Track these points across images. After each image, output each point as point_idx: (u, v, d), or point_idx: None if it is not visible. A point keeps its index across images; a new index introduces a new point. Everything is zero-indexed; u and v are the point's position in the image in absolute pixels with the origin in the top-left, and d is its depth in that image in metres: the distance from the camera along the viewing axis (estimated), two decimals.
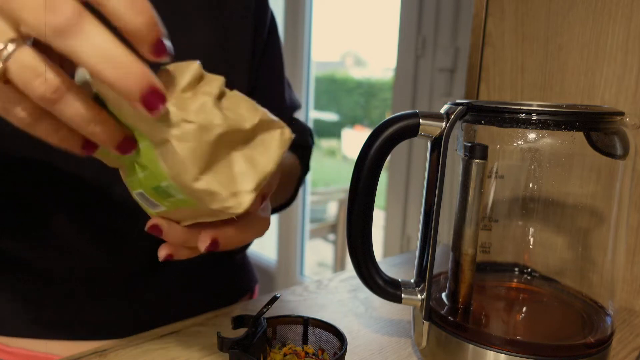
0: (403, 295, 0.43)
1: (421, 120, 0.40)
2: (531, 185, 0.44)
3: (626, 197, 0.43)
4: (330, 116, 4.08)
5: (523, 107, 0.38)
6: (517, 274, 0.50)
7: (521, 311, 0.48)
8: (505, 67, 0.67)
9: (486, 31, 0.69)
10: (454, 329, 0.41)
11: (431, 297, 0.42)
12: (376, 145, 0.40)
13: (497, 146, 0.41)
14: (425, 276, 0.42)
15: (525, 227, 0.47)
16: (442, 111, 0.41)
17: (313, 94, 2.08)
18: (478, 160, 0.40)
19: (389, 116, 0.41)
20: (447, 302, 0.44)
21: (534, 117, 0.38)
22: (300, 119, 0.73)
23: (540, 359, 0.38)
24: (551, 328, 0.45)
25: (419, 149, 1.54)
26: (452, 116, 0.39)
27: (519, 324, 0.45)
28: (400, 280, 0.44)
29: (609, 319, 0.43)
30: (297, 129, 0.69)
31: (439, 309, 0.43)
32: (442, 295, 0.44)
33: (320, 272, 2.91)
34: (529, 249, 0.49)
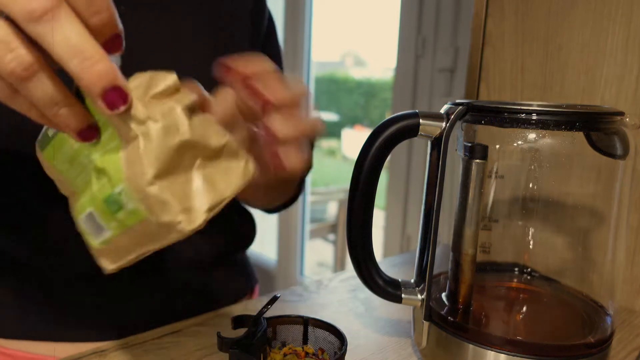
0: (403, 295, 0.43)
1: (421, 120, 0.40)
2: (531, 185, 0.44)
3: (626, 197, 0.43)
4: (330, 116, 4.08)
5: (523, 107, 0.38)
6: (517, 274, 0.50)
7: (521, 311, 0.48)
8: (505, 67, 0.67)
9: (486, 31, 0.69)
10: (454, 329, 0.41)
11: (431, 297, 0.42)
12: (376, 145, 0.40)
13: (497, 146, 0.41)
14: (425, 276, 0.42)
15: (525, 227, 0.47)
16: (442, 111, 0.41)
17: (313, 94, 2.08)
18: (478, 160, 0.40)
19: (389, 116, 0.41)
20: (447, 302, 0.44)
21: (534, 117, 0.38)
22: None
23: (540, 359, 0.38)
24: (551, 328, 0.45)
25: (419, 149, 1.54)
26: (452, 116, 0.39)
27: (519, 324, 0.45)
28: (400, 280, 0.44)
29: (609, 319, 0.43)
30: None
31: (439, 309, 0.43)
32: (442, 295, 0.44)
33: (320, 272, 2.91)
34: (529, 249, 0.49)
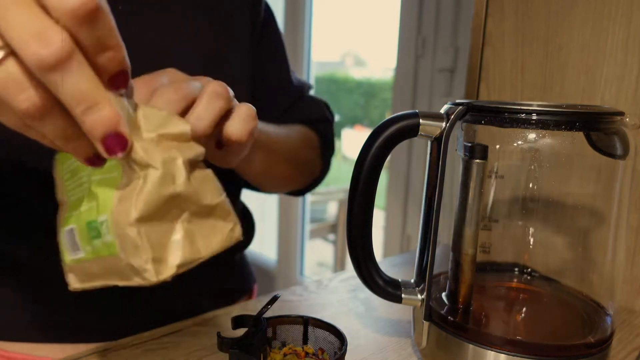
0: (403, 295, 0.43)
1: (421, 120, 0.40)
2: (531, 185, 0.44)
3: (626, 197, 0.43)
4: None
5: (523, 107, 0.38)
6: (517, 274, 0.50)
7: (521, 311, 0.48)
8: (505, 67, 0.67)
9: (486, 31, 0.69)
10: (454, 329, 0.41)
11: (431, 297, 0.42)
12: (376, 145, 0.40)
13: (497, 146, 0.41)
14: (425, 276, 0.42)
15: (525, 227, 0.47)
16: (442, 111, 0.41)
17: (313, 94, 2.07)
18: (478, 160, 0.40)
19: (389, 116, 0.41)
20: (447, 302, 0.44)
21: (534, 117, 0.38)
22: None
23: (541, 359, 0.38)
24: (551, 328, 0.45)
25: (419, 149, 1.54)
26: (452, 116, 0.39)
27: (519, 324, 0.45)
28: (400, 280, 0.44)
29: (609, 319, 0.43)
30: (310, 105, 0.67)
31: (439, 309, 0.43)
32: (442, 295, 0.44)
33: (320, 272, 2.91)
34: (529, 249, 0.49)
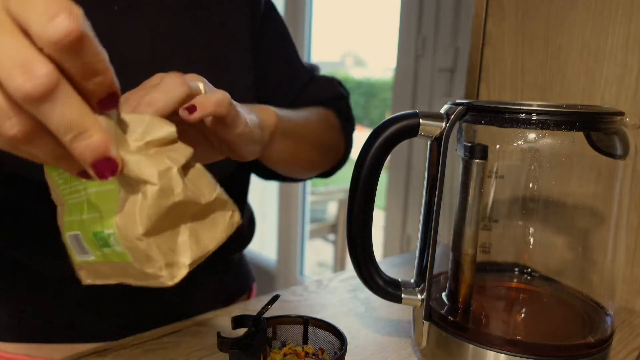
0: (403, 295, 0.43)
1: (421, 120, 0.40)
2: (531, 185, 0.44)
3: (626, 197, 0.43)
4: None
5: (523, 107, 0.38)
6: (517, 274, 0.50)
7: (521, 311, 0.48)
8: (505, 67, 0.67)
9: (486, 31, 0.69)
10: (454, 329, 0.41)
11: (431, 297, 0.42)
12: (376, 145, 0.40)
13: (497, 146, 0.41)
14: (425, 276, 0.42)
15: (525, 227, 0.47)
16: (442, 111, 0.41)
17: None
18: (478, 160, 0.40)
19: (389, 116, 0.41)
20: (447, 302, 0.44)
21: (534, 117, 0.38)
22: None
23: (541, 359, 0.38)
24: (551, 328, 0.45)
25: (419, 149, 1.54)
26: (452, 116, 0.39)
27: (519, 324, 0.45)
28: (400, 280, 0.44)
29: (609, 319, 0.43)
30: (322, 84, 0.67)
31: (439, 309, 0.43)
32: (442, 295, 0.44)
33: (320, 272, 2.91)
34: (529, 249, 0.49)
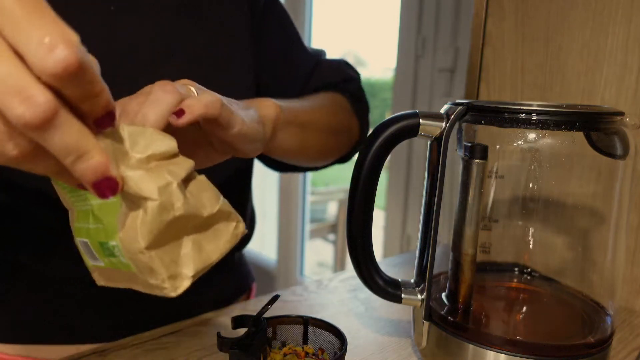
0: (403, 295, 0.43)
1: (421, 120, 0.40)
2: (531, 185, 0.44)
3: (626, 197, 0.43)
4: None
5: (523, 107, 0.38)
6: (517, 274, 0.50)
7: (521, 311, 0.48)
8: (505, 67, 0.67)
9: (486, 31, 0.69)
10: (454, 329, 0.41)
11: (431, 297, 0.42)
12: (376, 145, 0.40)
13: (497, 146, 0.41)
14: (425, 276, 0.42)
15: (525, 227, 0.47)
16: (442, 111, 0.41)
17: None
18: (478, 160, 0.40)
19: (389, 116, 0.41)
20: (447, 302, 0.44)
21: (534, 117, 0.38)
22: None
23: (541, 359, 0.38)
24: (551, 328, 0.45)
25: (419, 149, 1.54)
26: (452, 116, 0.39)
27: (519, 324, 0.45)
28: (400, 280, 0.44)
29: (609, 319, 0.43)
30: (330, 68, 0.67)
31: (439, 309, 0.43)
32: (442, 295, 0.44)
33: (320, 272, 2.91)
34: (529, 249, 0.49)
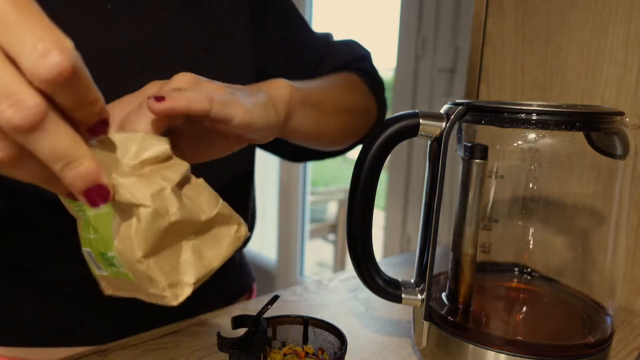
0: (403, 295, 0.43)
1: (421, 120, 0.40)
2: (531, 185, 0.44)
3: (626, 197, 0.43)
4: None
5: (523, 107, 0.38)
6: (517, 274, 0.50)
7: (521, 311, 0.48)
8: (505, 67, 0.67)
9: (486, 31, 0.69)
10: (454, 329, 0.41)
11: (431, 297, 0.42)
12: (376, 145, 0.40)
13: (497, 146, 0.41)
14: (425, 276, 0.42)
15: (525, 227, 0.47)
16: (442, 111, 0.41)
17: None
18: (478, 160, 0.40)
19: (388, 116, 0.41)
20: (447, 302, 0.44)
21: (534, 117, 0.38)
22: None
23: (541, 359, 0.38)
24: (551, 328, 0.45)
25: (419, 149, 1.54)
26: (452, 116, 0.39)
27: (519, 324, 0.45)
28: (400, 280, 0.44)
29: (609, 319, 0.43)
30: (340, 48, 0.66)
31: (439, 309, 0.43)
32: (442, 295, 0.44)
33: (320, 272, 2.91)
34: (529, 249, 0.49)
